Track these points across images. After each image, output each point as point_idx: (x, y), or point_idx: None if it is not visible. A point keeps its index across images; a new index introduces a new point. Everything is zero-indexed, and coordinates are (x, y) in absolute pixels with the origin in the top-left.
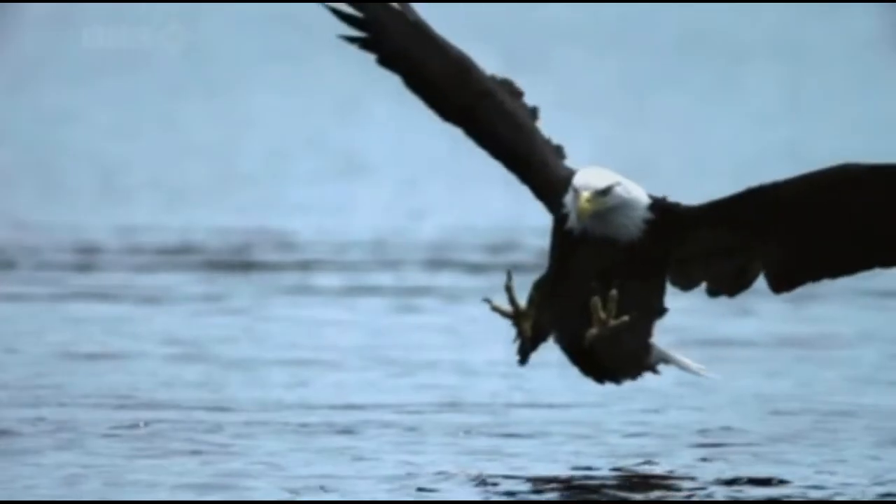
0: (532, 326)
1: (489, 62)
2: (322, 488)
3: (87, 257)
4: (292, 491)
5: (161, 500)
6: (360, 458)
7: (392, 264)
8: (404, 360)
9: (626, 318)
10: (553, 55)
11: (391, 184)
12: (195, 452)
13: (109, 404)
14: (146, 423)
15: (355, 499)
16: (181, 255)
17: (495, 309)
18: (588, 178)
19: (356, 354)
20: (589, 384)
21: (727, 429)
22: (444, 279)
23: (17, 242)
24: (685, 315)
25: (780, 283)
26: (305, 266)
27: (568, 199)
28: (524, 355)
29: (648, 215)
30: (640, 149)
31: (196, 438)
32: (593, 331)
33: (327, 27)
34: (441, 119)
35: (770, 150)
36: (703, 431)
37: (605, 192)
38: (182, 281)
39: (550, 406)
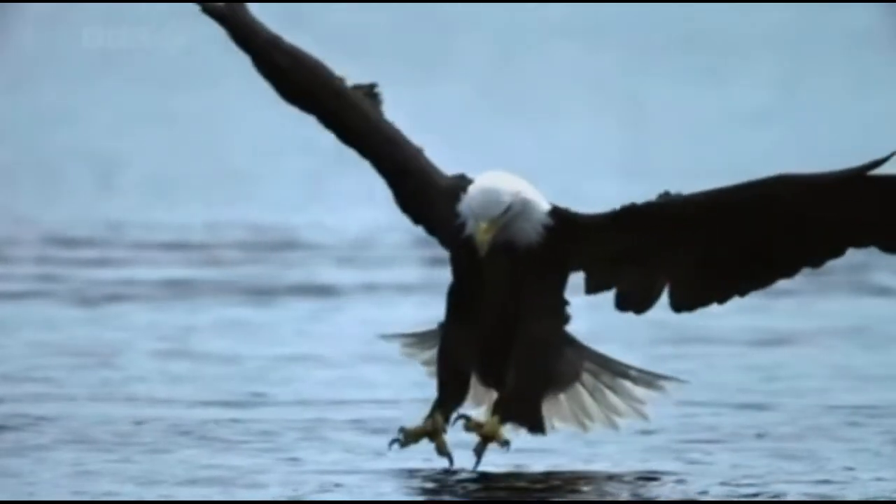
0: (443, 426)
1: (485, 59)
2: (323, 485)
3: (83, 253)
4: (297, 485)
5: (159, 500)
6: (360, 455)
7: (390, 260)
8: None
9: (506, 438)
10: (549, 53)
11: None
12: (198, 448)
13: (106, 400)
14: (146, 421)
15: (360, 498)
16: (179, 252)
17: (406, 445)
18: (484, 203)
19: (354, 350)
20: None
21: (720, 427)
22: (442, 275)
23: (15, 238)
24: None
25: (681, 303)
26: (302, 262)
27: (463, 207)
28: (450, 459)
29: (548, 221)
30: (638, 147)
31: (197, 433)
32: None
33: (324, 26)
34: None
35: (767, 148)
36: (697, 429)
37: (503, 214)
38: (179, 277)
39: None
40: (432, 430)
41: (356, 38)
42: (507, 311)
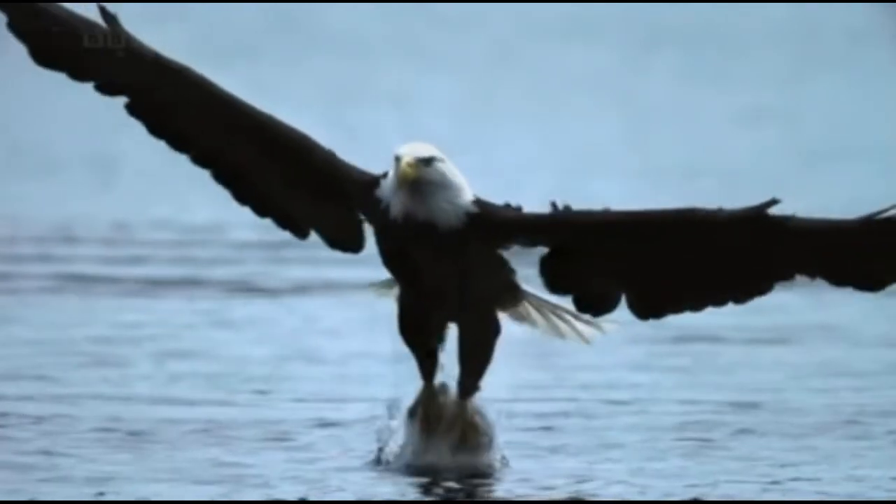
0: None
1: (482, 57)
2: (324, 485)
3: (84, 251)
4: (298, 484)
5: (157, 500)
6: (360, 454)
7: None
8: (398, 351)
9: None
10: (548, 51)
11: None
12: (200, 447)
13: (108, 399)
14: (149, 420)
15: (360, 498)
16: (175, 249)
17: (413, 417)
18: (413, 147)
19: (352, 347)
20: (578, 377)
21: (723, 426)
22: None
23: (15, 234)
24: None
25: (639, 312)
26: (305, 260)
27: (385, 187)
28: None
29: (471, 209)
30: (636, 145)
31: (198, 432)
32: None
33: (323, 26)
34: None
35: (765, 146)
36: (700, 428)
37: (427, 161)
38: (181, 275)
39: (543, 400)
40: (426, 401)
41: (356, 37)
42: (440, 288)
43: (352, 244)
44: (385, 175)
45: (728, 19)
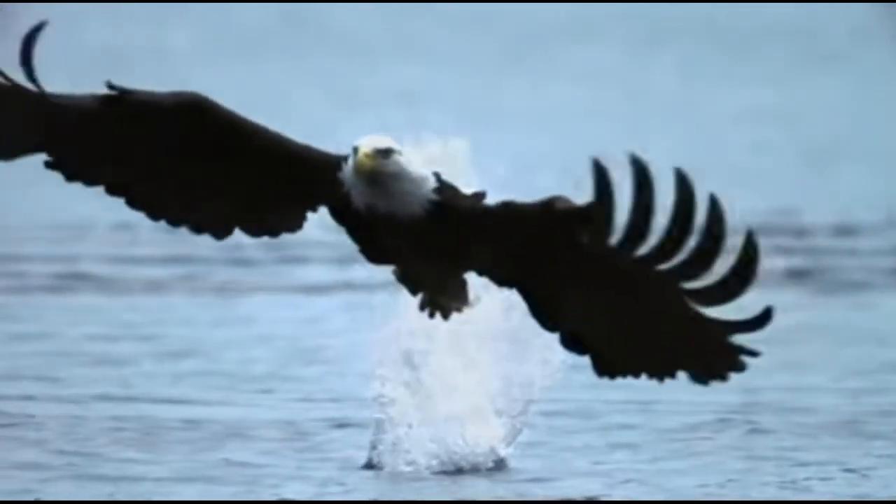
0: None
1: (486, 56)
2: (325, 484)
3: (91, 249)
4: (299, 483)
5: (168, 501)
6: (361, 455)
7: None
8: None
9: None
10: (552, 50)
11: None
12: (215, 446)
13: (112, 400)
14: (152, 420)
15: (360, 497)
16: (174, 248)
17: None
18: (372, 138)
19: (356, 346)
20: (579, 377)
21: (729, 427)
22: None
23: (22, 235)
24: None
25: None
26: (311, 259)
27: (346, 171)
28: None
29: (434, 197)
30: (637, 143)
31: (202, 431)
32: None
33: (328, 25)
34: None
35: (766, 144)
36: (706, 429)
37: (385, 152)
38: (184, 274)
39: (545, 399)
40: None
41: (360, 36)
42: (410, 271)
43: (295, 226)
44: (346, 159)
45: (730, 18)
